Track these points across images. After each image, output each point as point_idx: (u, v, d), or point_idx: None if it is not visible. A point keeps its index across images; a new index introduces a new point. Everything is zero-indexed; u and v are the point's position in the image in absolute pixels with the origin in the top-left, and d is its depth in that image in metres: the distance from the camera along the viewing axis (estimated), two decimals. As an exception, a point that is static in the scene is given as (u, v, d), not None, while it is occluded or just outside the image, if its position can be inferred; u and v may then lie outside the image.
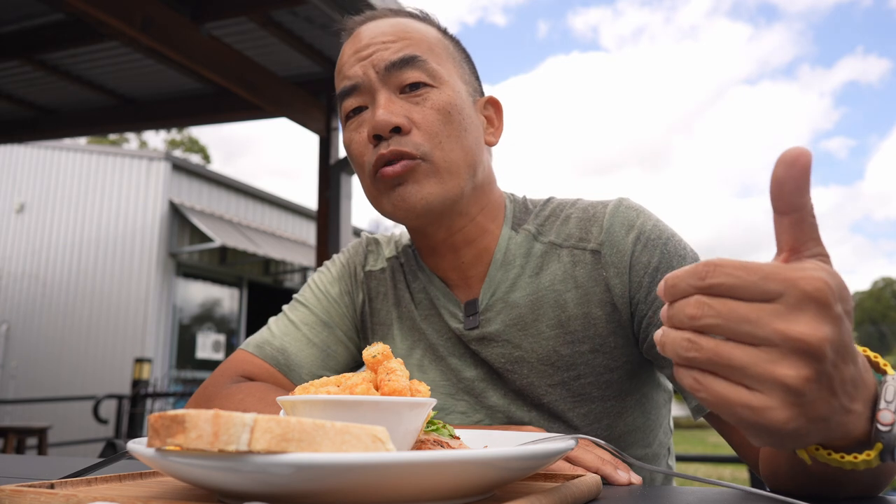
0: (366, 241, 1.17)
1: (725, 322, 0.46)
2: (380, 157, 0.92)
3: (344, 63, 0.98)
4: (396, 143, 0.91)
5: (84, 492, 0.54)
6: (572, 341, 0.95)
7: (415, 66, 0.94)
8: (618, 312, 0.94)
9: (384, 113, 0.91)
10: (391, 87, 0.94)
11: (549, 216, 1.03)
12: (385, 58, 0.94)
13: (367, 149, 0.95)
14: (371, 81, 0.94)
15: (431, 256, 1.04)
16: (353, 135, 0.97)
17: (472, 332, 0.99)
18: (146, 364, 7.03)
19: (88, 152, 10.75)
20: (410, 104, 0.93)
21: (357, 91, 0.95)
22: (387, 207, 0.96)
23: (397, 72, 0.93)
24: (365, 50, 0.96)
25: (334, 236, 5.11)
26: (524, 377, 0.97)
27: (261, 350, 1.05)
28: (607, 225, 0.96)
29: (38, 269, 10.53)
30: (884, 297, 56.08)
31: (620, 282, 0.94)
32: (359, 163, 0.97)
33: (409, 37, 0.96)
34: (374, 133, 0.92)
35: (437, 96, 0.94)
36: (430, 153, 0.92)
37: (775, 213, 0.50)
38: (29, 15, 4.58)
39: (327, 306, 1.10)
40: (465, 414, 1.00)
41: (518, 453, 0.50)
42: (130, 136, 26.94)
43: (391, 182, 0.93)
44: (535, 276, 0.98)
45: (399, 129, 0.91)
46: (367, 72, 0.94)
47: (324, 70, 5.19)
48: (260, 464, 0.43)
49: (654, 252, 0.93)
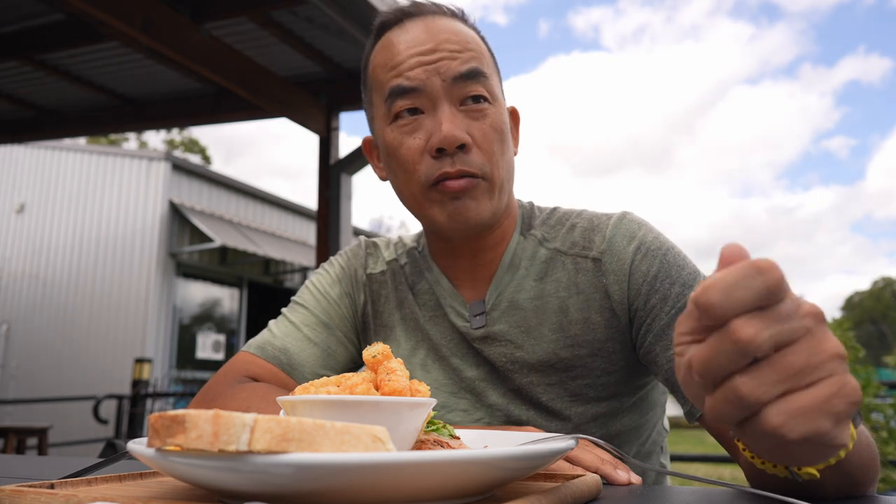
0: (364, 244, 1.18)
1: (779, 326, 0.42)
2: (444, 174, 0.92)
3: (401, 61, 0.95)
4: (461, 162, 0.92)
5: (84, 492, 0.55)
6: (572, 345, 0.97)
7: (479, 80, 0.95)
8: (616, 319, 0.96)
9: (452, 129, 0.91)
10: (452, 99, 0.94)
11: (556, 224, 1.05)
12: (453, 68, 0.93)
13: (422, 157, 0.94)
14: (435, 89, 0.93)
15: (446, 258, 1.06)
16: (406, 139, 0.95)
17: (477, 331, 1.01)
18: (146, 364, 7.03)
19: (88, 152, 10.75)
20: (469, 119, 0.94)
21: (416, 94, 0.94)
22: (439, 218, 0.96)
23: (462, 84, 0.94)
24: (430, 54, 0.94)
25: (334, 236, 5.12)
26: (524, 376, 0.99)
27: (263, 351, 1.06)
28: (610, 235, 0.99)
29: (38, 269, 10.53)
30: (884, 296, 56.09)
31: (619, 289, 0.96)
32: (409, 169, 0.96)
33: (471, 48, 0.97)
34: (439, 146, 0.92)
35: (493, 114, 0.96)
36: (489, 172, 0.94)
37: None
38: (29, 15, 4.58)
39: (327, 307, 1.10)
40: (466, 412, 1.02)
41: (518, 453, 0.50)
42: (130, 137, 26.95)
43: (451, 195, 0.93)
44: (540, 281, 1.01)
45: (463, 146, 0.92)
46: (432, 78, 0.93)
47: (324, 70, 5.20)
48: (260, 464, 0.43)
49: (653, 262, 0.95)
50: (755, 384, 0.42)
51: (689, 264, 0.97)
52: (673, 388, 0.91)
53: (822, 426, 0.42)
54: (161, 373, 8.98)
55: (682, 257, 0.97)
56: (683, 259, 0.97)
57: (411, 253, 1.13)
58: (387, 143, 0.98)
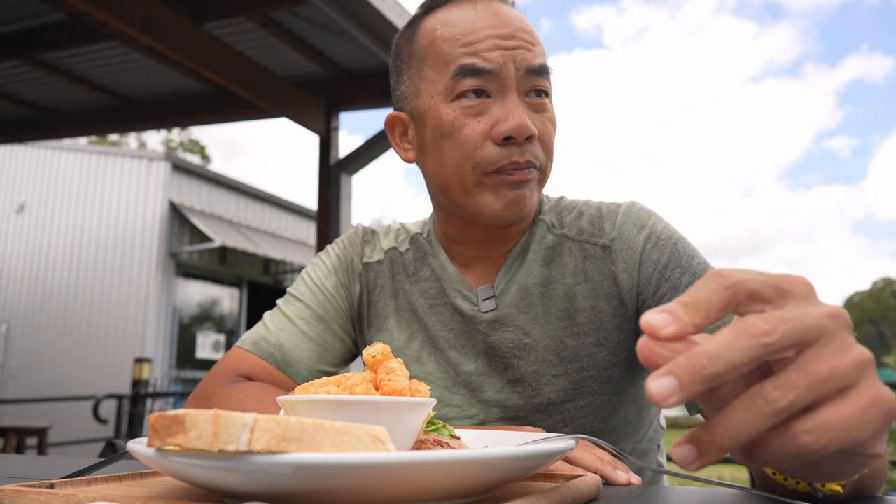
0: (362, 232, 1.16)
1: (796, 324, 0.40)
2: (514, 164, 0.92)
3: (477, 39, 0.92)
4: (530, 153, 0.93)
5: (84, 492, 0.54)
6: (578, 333, 0.97)
7: (546, 76, 0.95)
8: (624, 307, 0.97)
9: (525, 119, 0.91)
10: (521, 90, 0.94)
11: (563, 210, 1.06)
12: (528, 60, 0.93)
13: (485, 142, 0.92)
14: (509, 77, 0.92)
15: (459, 244, 1.04)
16: (470, 120, 0.93)
17: (486, 315, 1.00)
18: (146, 364, 7.03)
19: (88, 152, 10.75)
20: (532, 112, 0.94)
21: (488, 76, 0.92)
22: (493, 205, 0.94)
23: (534, 77, 0.94)
24: (509, 40, 0.93)
25: (334, 236, 5.11)
26: (530, 364, 0.98)
27: (257, 347, 1.05)
28: (620, 223, 1.00)
29: (38, 269, 10.53)
30: (883, 297, 56.10)
31: (629, 277, 0.97)
32: (467, 152, 0.93)
33: (540, 42, 0.98)
34: (510, 134, 0.91)
35: (552, 110, 0.98)
36: (545, 167, 0.96)
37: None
38: (29, 15, 4.58)
39: (322, 300, 1.09)
40: (460, 407, 1.01)
41: (518, 453, 0.50)
42: (131, 137, 26.94)
43: (512, 183, 0.93)
44: (546, 266, 1.01)
45: (531, 137, 0.93)
46: (508, 64, 0.92)
47: (324, 70, 5.19)
48: (260, 464, 0.43)
49: (664, 250, 0.96)
50: (783, 391, 0.39)
51: (699, 255, 0.97)
52: None
53: (857, 439, 0.39)
54: (161, 372, 8.98)
55: (691, 247, 0.98)
56: (693, 249, 0.98)
57: (415, 239, 1.11)
58: (443, 121, 0.94)
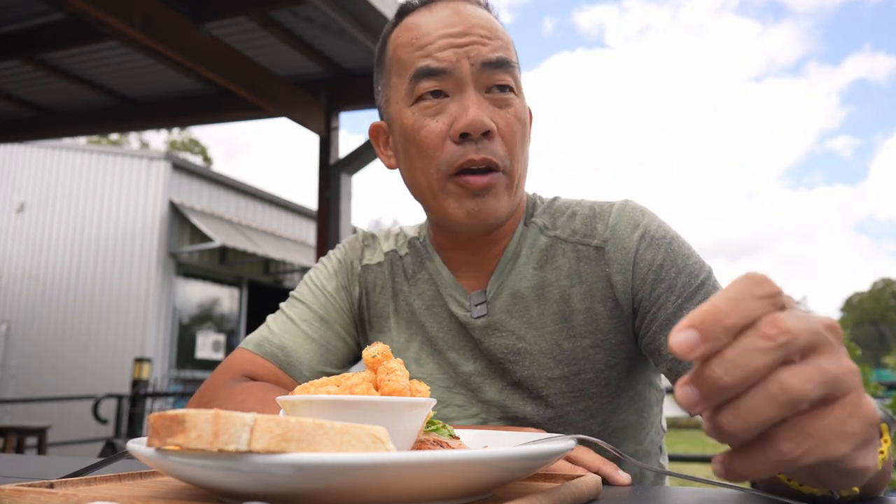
0: (362, 236, 1.17)
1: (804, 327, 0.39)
2: (469, 161, 0.90)
3: (430, 41, 0.93)
4: (486, 150, 0.90)
5: (84, 492, 0.54)
6: (574, 336, 0.96)
7: (507, 70, 0.93)
8: (619, 308, 0.96)
9: (480, 113, 0.89)
10: (479, 86, 0.92)
11: (556, 212, 1.04)
12: (483, 54, 0.92)
13: (443, 142, 0.92)
14: (463, 73, 0.91)
15: (450, 250, 1.04)
16: (428, 121, 0.92)
17: (478, 321, 1.00)
18: (146, 364, 7.02)
19: (88, 152, 10.75)
20: (494, 107, 0.92)
21: (442, 76, 0.92)
22: (455, 212, 0.93)
23: (491, 71, 0.92)
24: (461, 37, 0.92)
25: (334, 236, 5.11)
26: (525, 369, 0.97)
27: (260, 348, 1.05)
28: (613, 223, 0.98)
29: (38, 269, 10.53)
30: (883, 297, 56.10)
31: (623, 278, 0.95)
32: (428, 153, 0.93)
33: (501, 37, 0.95)
34: (464, 131, 0.89)
35: (518, 105, 0.94)
36: (509, 166, 0.93)
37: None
38: (29, 15, 4.58)
39: (324, 302, 1.10)
40: (461, 407, 1.01)
41: (518, 453, 0.50)
42: (131, 137, 26.95)
43: (473, 192, 0.91)
44: (539, 269, 1.00)
45: (488, 132, 0.90)
46: (461, 61, 0.91)
47: (324, 70, 5.19)
48: (260, 464, 0.43)
49: (658, 250, 0.94)
50: (799, 380, 0.38)
51: (694, 253, 0.96)
52: (675, 378, 0.90)
53: (838, 450, 0.39)
54: (161, 372, 8.98)
55: (686, 246, 0.96)
56: (688, 248, 0.96)
57: (413, 243, 1.11)
58: (405, 125, 0.95)
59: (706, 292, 0.91)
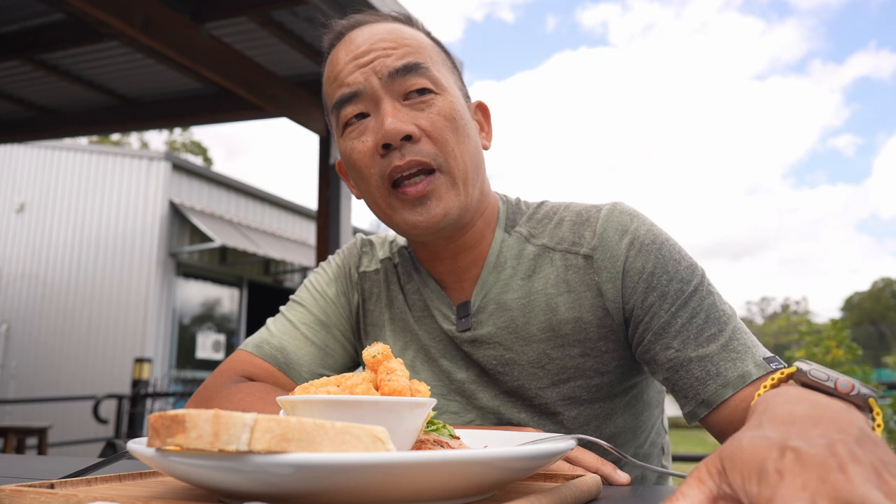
0: (360, 243, 1.17)
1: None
2: (396, 169, 0.90)
3: (340, 70, 0.95)
4: (411, 153, 0.90)
5: (84, 492, 0.54)
6: (563, 345, 0.95)
7: (418, 72, 0.93)
8: (610, 317, 0.94)
9: (394, 121, 0.89)
10: (394, 95, 0.92)
11: (542, 219, 1.02)
12: (388, 64, 0.92)
13: (372, 158, 0.92)
14: (374, 88, 0.92)
15: (429, 260, 1.04)
16: (355, 143, 0.94)
17: (464, 334, 0.99)
18: (146, 364, 7.03)
19: (88, 152, 10.75)
20: (416, 111, 0.92)
21: (357, 98, 0.93)
22: (403, 225, 0.94)
23: (401, 79, 0.92)
24: (364, 56, 0.93)
25: (334, 236, 5.12)
26: (515, 379, 0.97)
27: (260, 349, 1.05)
28: (601, 230, 0.95)
29: (38, 269, 10.52)
30: (883, 297, 56.06)
31: (613, 287, 0.93)
32: (364, 174, 0.94)
33: (407, 43, 0.95)
34: (383, 142, 0.90)
35: (441, 103, 0.93)
36: (444, 163, 0.91)
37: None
38: (29, 15, 4.58)
39: (325, 306, 1.10)
40: (457, 414, 1.01)
41: (518, 453, 0.50)
42: (132, 138, 26.96)
43: (413, 201, 0.91)
44: (528, 279, 0.98)
45: (410, 136, 0.90)
46: (370, 79, 0.92)
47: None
48: (260, 464, 0.43)
49: (648, 257, 0.92)
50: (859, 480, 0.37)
51: (686, 257, 0.94)
52: (673, 387, 0.90)
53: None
54: (161, 373, 8.97)
55: (677, 249, 0.94)
56: (679, 251, 0.94)
57: (402, 252, 1.11)
58: (343, 155, 0.97)
59: (700, 298, 0.90)
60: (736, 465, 0.40)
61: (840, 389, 0.51)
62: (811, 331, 5.47)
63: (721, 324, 0.88)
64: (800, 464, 0.38)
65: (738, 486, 0.40)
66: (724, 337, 0.87)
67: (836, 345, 5.01)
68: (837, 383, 0.52)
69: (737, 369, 0.85)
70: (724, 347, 0.86)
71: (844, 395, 0.51)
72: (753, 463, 0.40)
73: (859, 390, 0.51)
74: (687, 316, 0.89)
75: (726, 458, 0.41)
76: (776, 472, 0.38)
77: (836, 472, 0.37)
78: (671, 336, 0.88)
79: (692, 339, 0.87)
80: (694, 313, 0.89)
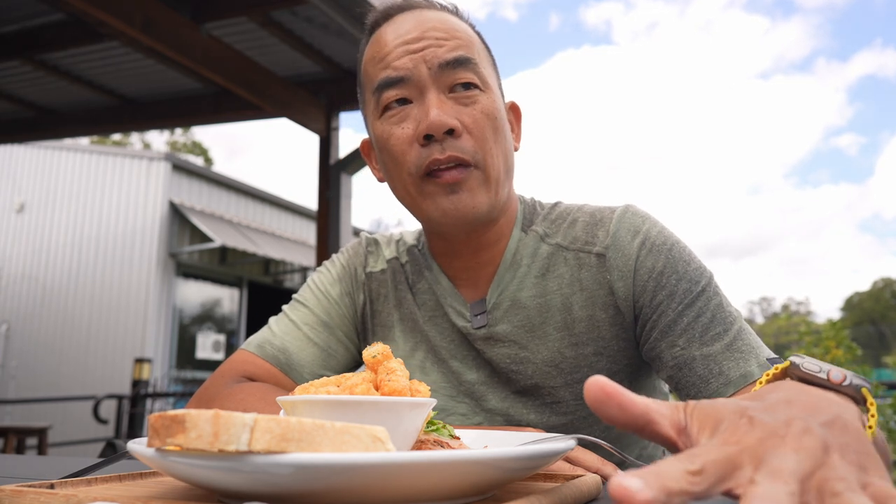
0: (365, 242, 1.17)
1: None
2: (435, 161, 0.90)
3: (388, 52, 0.95)
4: (452, 148, 0.90)
5: (84, 492, 0.54)
6: (577, 343, 0.96)
7: (467, 67, 0.93)
8: (621, 315, 0.95)
9: (439, 113, 0.89)
10: (441, 87, 0.92)
11: (557, 219, 1.03)
12: (439, 55, 0.92)
13: (411, 147, 0.93)
14: (422, 77, 0.92)
15: (446, 257, 1.04)
16: (394, 129, 0.94)
17: (479, 332, 1.00)
18: (146, 364, 7.03)
19: (88, 152, 10.75)
20: (460, 106, 0.92)
21: (403, 84, 0.93)
22: (433, 213, 0.94)
23: (451, 71, 0.92)
24: (416, 43, 0.93)
25: (334, 236, 5.12)
26: (528, 378, 0.97)
27: (261, 349, 1.05)
28: (613, 229, 0.97)
29: (38, 269, 10.53)
30: (883, 297, 56.08)
31: (625, 285, 0.94)
32: (399, 160, 0.94)
33: (459, 36, 0.95)
34: (426, 133, 0.90)
35: (485, 101, 0.94)
36: (481, 161, 0.92)
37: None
38: (29, 15, 4.58)
39: (328, 307, 1.10)
40: (465, 416, 1.01)
41: (518, 453, 0.50)
42: (134, 139, 26.97)
43: (446, 188, 0.91)
44: (542, 278, 0.99)
45: (452, 131, 0.90)
46: (419, 66, 0.92)
47: (324, 70, 5.19)
48: (260, 464, 0.43)
49: (658, 257, 0.94)
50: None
51: (695, 259, 0.96)
52: (676, 385, 0.91)
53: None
54: (161, 373, 8.98)
55: (687, 252, 0.96)
56: (689, 254, 0.96)
57: (412, 251, 1.11)
58: (377, 137, 0.97)
59: (707, 298, 0.91)
60: (700, 417, 0.42)
61: (832, 380, 0.52)
62: (810, 331, 5.47)
63: (727, 324, 0.89)
64: (749, 426, 0.39)
65: (693, 434, 0.42)
66: (728, 337, 0.88)
67: (836, 345, 5.01)
68: (829, 374, 0.52)
69: (739, 369, 0.85)
70: (728, 347, 0.87)
71: (837, 385, 0.51)
72: (712, 418, 0.42)
73: (851, 381, 0.51)
74: (693, 315, 0.90)
75: (694, 406, 0.43)
76: (726, 430, 0.40)
77: (775, 438, 0.38)
78: (677, 334, 0.90)
79: (697, 337, 0.88)
80: (700, 312, 0.90)
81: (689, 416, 0.43)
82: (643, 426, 0.43)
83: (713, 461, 0.36)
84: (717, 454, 0.37)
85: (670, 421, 0.43)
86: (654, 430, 0.43)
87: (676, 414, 0.43)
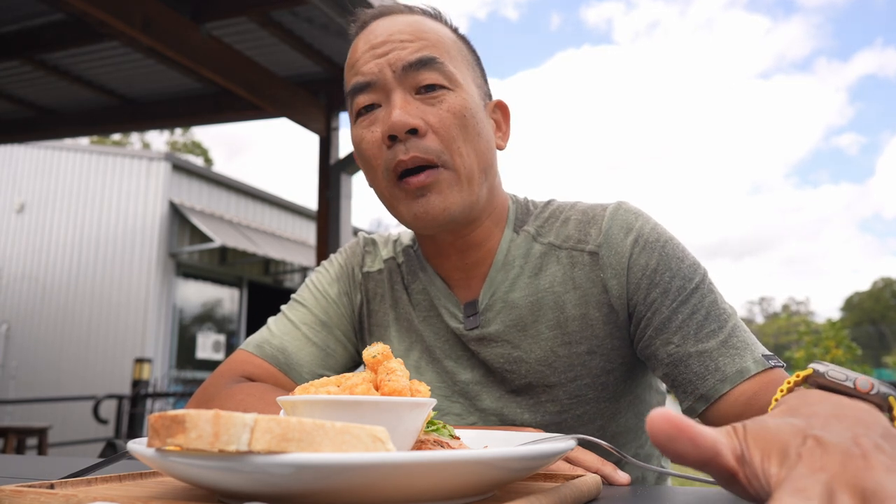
0: (363, 242, 1.17)
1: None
2: (400, 163, 0.91)
3: (358, 58, 0.97)
4: (415, 148, 0.90)
5: (84, 492, 0.54)
6: (570, 342, 0.96)
7: (432, 67, 0.93)
8: (615, 314, 0.95)
9: (401, 113, 0.90)
10: (407, 88, 0.93)
11: (549, 218, 1.03)
12: (402, 57, 0.93)
13: (379, 149, 0.94)
14: (387, 80, 0.93)
15: (437, 258, 1.04)
16: (365, 132, 0.95)
17: (471, 332, 1.00)
18: (146, 364, 7.03)
19: (88, 152, 10.75)
20: (426, 106, 0.93)
21: (371, 88, 0.94)
22: (406, 216, 0.95)
23: (414, 72, 0.93)
24: (381, 47, 0.94)
25: (334, 236, 5.12)
26: (522, 377, 0.97)
27: (260, 349, 1.05)
28: (606, 227, 0.97)
29: (38, 270, 10.53)
30: (883, 297, 56.05)
31: (618, 283, 0.94)
32: (371, 164, 0.96)
33: (426, 37, 0.95)
34: (389, 133, 0.91)
35: (452, 99, 0.93)
36: (449, 160, 0.92)
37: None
38: (29, 15, 4.58)
39: (326, 307, 1.10)
40: (459, 416, 1.01)
41: (518, 453, 0.50)
42: (134, 139, 26.96)
43: (414, 192, 0.92)
44: (535, 277, 0.99)
45: (415, 130, 0.91)
46: (383, 70, 0.93)
47: (324, 70, 5.19)
48: (260, 464, 0.43)
49: (651, 254, 0.93)
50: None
51: (689, 256, 0.95)
52: (672, 382, 0.91)
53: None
54: (161, 373, 8.97)
55: (680, 248, 0.95)
56: (682, 251, 0.95)
57: (407, 251, 1.11)
58: (353, 142, 0.99)
59: (701, 295, 0.91)
60: (758, 443, 0.40)
61: (860, 389, 0.50)
62: (810, 331, 5.47)
63: (721, 321, 0.89)
64: (821, 449, 0.38)
65: (757, 463, 0.39)
66: (723, 333, 0.88)
67: (836, 345, 5.01)
68: (857, 383, 0.51)
69: (735, 365, 0.85)
70: (723, 343, 0.87)
71: (864, 394, 0.50)
72: (776, 444, 0.40)
73: (879, 389, 0.50)
74: (688, 312, 0.90)
75: (746, 431, 0.41)
76: (797, 456, 0.38)
77: (858, 459, 0.37)
78: (671, 331, 0.89)
79: (692, 334, 0.88)
80: (695, 310, 0.90)
81: (744, 443, 0.41)
82: (709, 459, 0.40)
83: (819, 494, 0.34)
84: (819, 488, 0.35)
85: (730, 450, 0.41)
86: (719, 462, 0.40)
87: (732, 441, 0.41)
